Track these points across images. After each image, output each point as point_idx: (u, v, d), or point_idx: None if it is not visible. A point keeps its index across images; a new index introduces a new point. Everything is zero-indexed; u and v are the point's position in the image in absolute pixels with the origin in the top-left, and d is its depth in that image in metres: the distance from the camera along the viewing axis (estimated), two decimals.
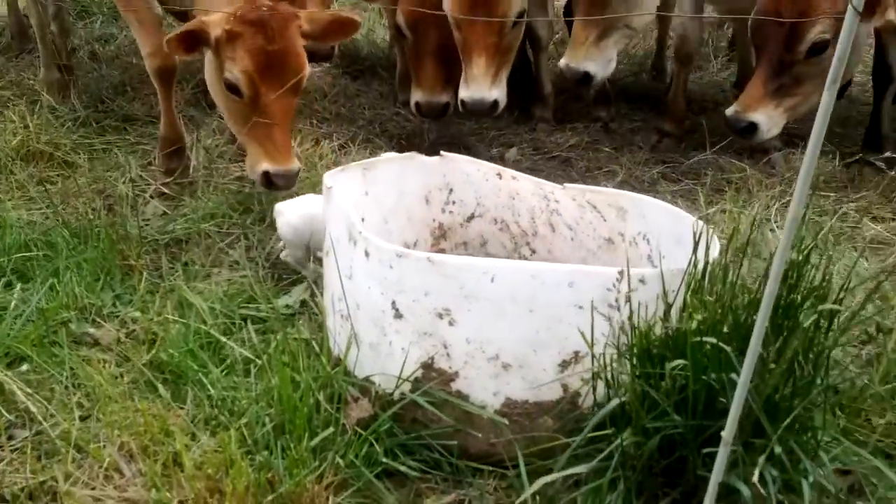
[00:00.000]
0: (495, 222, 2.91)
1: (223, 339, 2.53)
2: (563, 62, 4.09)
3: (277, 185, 3.29)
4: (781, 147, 4.47)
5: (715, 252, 2.16)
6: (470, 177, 2.86)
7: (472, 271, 2.06)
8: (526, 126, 5.11)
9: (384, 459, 2.10)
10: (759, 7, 3.67)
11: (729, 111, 3.78)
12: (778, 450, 1.87)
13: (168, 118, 3.94)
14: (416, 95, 4.42)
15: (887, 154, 4.13)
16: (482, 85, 4.01)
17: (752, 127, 3.70)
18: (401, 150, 4.58)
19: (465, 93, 4.05)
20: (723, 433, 1.70)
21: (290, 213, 3.02)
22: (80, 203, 3.69)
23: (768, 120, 3.69)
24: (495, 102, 4.06)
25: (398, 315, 2.14)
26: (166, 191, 3.81)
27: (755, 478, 1.77)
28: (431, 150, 2.88)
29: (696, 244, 2.06)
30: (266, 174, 3.26)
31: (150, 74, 3.92)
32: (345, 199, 2.44)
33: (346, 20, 3.49)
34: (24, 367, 2.48)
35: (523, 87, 5.01)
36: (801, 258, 2.01)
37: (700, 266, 2.09)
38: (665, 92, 5.14)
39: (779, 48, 3.58)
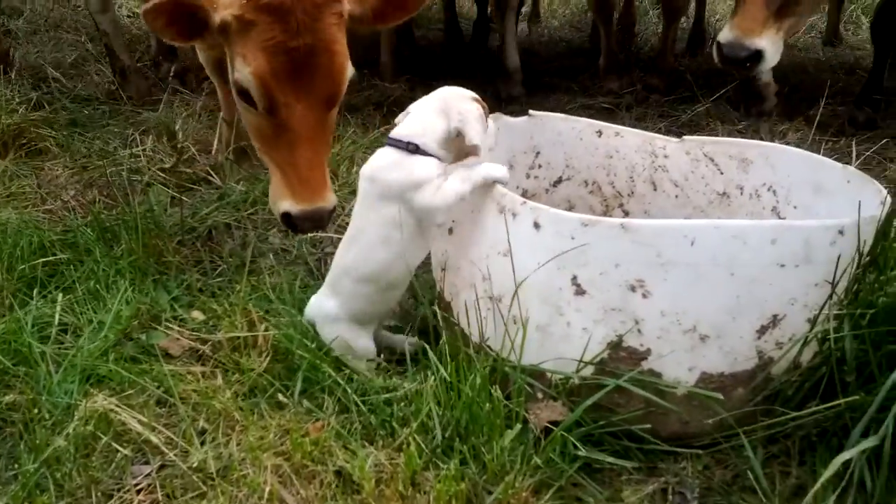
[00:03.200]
0: (585, 185, 2.71)
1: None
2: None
3: (302, 229, 2.48)
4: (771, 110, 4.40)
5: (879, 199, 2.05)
6: (561, 136, 2.64)
7: (670, 235, 1.85)
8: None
9: (582, 453, 1.88)
10: None
11: (724, 37, 3.20)
12: None
13: None
14: None
15: None
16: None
17: (757, 55, 3.17)
18: None
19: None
20: None
21: None
22: (69, 196, 3.24)
23: (772, 46, 3.18)
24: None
25: (580, 291, 1.92)
26: (163, 176, 3.38)
27: None
28: (521, 110, 2.62)
29: None
30: (287, 216, 2.44)
31: None
32: None
33: None
34: (107, 390, 2.09)
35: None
36: None
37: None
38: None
39: None
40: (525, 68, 4.87)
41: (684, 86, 4.85)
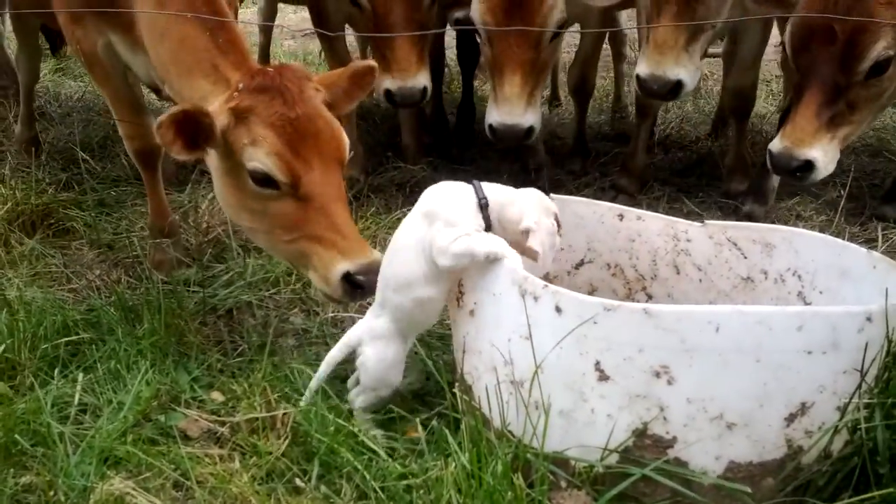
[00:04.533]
0: (608, 267, 2.70)
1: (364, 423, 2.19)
2: (644, 70, 3.40)
3: (363, 287, 2.41)
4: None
5: None
6: (583, 219, 2.65)
7: (694, 321, 1.83)
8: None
9: None
10: (800, 22, 3.13)
11: (776, 147, 3.16)
12: None
13: (155, 204, 3.42)
14: (386, 82, 3.74)
15: None
16: (516, 108, 3.53)
17: (808, 165, 3.12)
18: None
19: (495, 117, 3.57)
20: None
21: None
22: (94, 276, 3.27)
23: (824, 155, 3.12)
24: (530, 129, 3.59)
25: (603, 377, 1.89)
26: (187, 261, 3.41)
27: None
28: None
29: None
30: (348, 277, 2.41)
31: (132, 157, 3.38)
32: None
33: (362, 69, 2.66)
34: (124, 472, 2.07)
35: None
36: None
37: None
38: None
39: (833, 70, 3.06)
40: (547, 151, 4.91)
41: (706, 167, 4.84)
